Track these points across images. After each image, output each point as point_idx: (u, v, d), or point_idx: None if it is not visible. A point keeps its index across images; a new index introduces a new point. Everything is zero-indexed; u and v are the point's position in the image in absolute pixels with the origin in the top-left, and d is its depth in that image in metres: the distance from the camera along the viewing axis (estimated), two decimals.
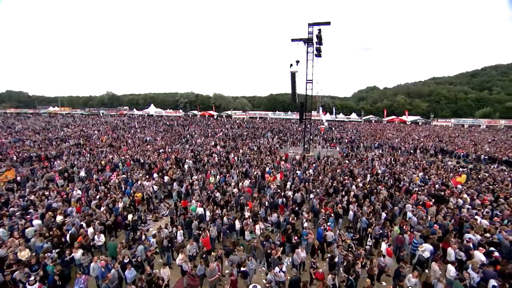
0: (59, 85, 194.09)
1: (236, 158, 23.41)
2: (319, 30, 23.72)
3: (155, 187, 16.39)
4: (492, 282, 7.42)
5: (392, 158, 23.18)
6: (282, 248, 10.06)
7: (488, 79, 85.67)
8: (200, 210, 12.67)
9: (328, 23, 23.44)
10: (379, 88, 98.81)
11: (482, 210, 12.14)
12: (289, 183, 16.48)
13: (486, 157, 24.27)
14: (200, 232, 10.63)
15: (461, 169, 19.80)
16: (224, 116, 64.88)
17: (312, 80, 25.38)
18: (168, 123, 50.74)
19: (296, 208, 13.10)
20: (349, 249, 9.98)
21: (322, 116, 53.81)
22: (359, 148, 30.98)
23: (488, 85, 79.13)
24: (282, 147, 31.83)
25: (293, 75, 24.93)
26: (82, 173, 18.60)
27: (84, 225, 11.01)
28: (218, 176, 18.02)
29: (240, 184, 16.48)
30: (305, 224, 11.27)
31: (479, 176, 17.82)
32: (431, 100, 72.80)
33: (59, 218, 11.47)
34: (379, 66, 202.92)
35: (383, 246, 9.56)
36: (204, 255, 9.34)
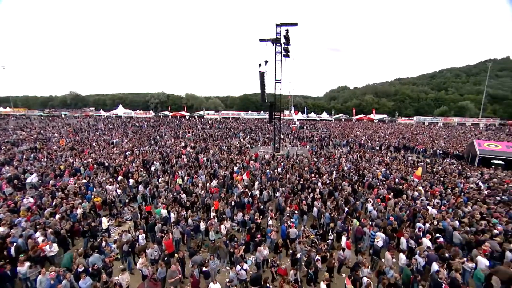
0: (12, 83, 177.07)
1: (205, 159, 23.22)
2: (287, 30, 24.31)
3: (119, 191, 15.74)
4: (434, 265, 8.19)
5: (358, 155, 24.38)
6: (244, 247, 10.20)
7: (445, 80, 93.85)
8: (164, 212, 12.44)
9: (295, 24, 24.07)
10: (350, 88, 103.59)
11: (433, 201, 13.26)
12: (256, 182, 16.70)
13: (440, 152, 26.55)
14: (163, 234, 10.45)
15: (419, 163, 21.41)
16: (196, 117, 64.06)
17: (280, 80, 25.90)
18: (137, 124, 48.85)
19: (262, 206, 13.32)
20: (313, 244, 10.38)
21: (294, 115, 55.17)
22: (328, 146, 32.20)
23: (444, 86, 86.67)
24: (253, 146, 32.08)
25: (261, 75, 25.25)
26: (34, 179, 17.20)
27: (34, 235, 10.25)
28: (185, 178, 17.79)
29: (208, 184, 16.46)
30: (270, 222, 11.52)
31: (433, 170, 19.42)
32: (397, 99, 77.95)
33: (1, 229, 10.53)
34: (349, 67, 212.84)
35: (343, 240, 10.08)
36: (166, 258, 9.18)
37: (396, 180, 16.83)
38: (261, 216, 12.19)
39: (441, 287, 7.26)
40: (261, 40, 25.09)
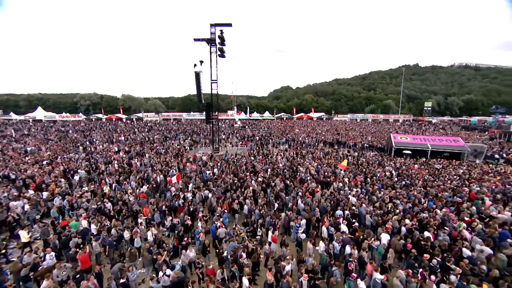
0: None
1: (139, 163, 21.96)
2: (221, 31, 24.51)
3: (27, 207, 13.58)
4: (347, 247, 9.16)
5: (294, 152, 25.88)
6: (173, 252, 9.89)
7: (373, 81, 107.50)
8: (84, 224, 11.45)
9: (229, 25, 24.46)
10: (292, 87, 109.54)
11: (354, 190, 14.86)
12: (191, 185, 16.37)
13: (367, 146, 30.06)
14: (78, 250, 9.41)
15: (348, 156, 23.82)
16: (134, 119, 59.95)
17: (216, 80, 25.97)
18: (62, 129, 43.03)
19: (192, 208, 13.08)
20: (242, 242, 10.57)
21: (236, 115, 55.90)
22: (268, 144, 33.44)
23: (373, 87, 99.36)
24: (193, 148, 31.45)
25: (197, 75, 24.91)
26: None
27: None
28: (114, 185, 16.46)
29: (138, 190, 15.61)
30: (198, 224, 11.38)
31: (358, 162, 21.82)
32: (334, 98, 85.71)
33: None
34: (293, 68, 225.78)
35: (269, 234, 10.51)
36: (78, 276, 8.23)
37: (326, 173, 18.36)
38: (189, 218, 11.92)
39: (351, 266, 8.14)
40: (195, 40, 24.84)
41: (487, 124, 51.75)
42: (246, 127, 50.00)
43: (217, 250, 10.04)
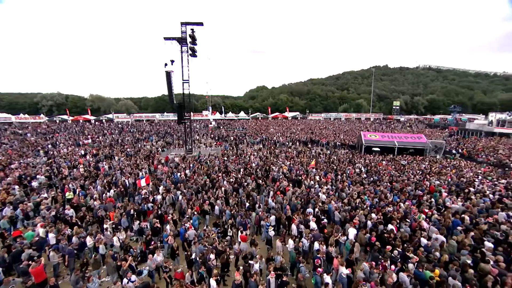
0: None
1: (107, 166, 21.07)
2: (192, 30, 24.15)
3: None
4: (316, 243, 9.45)
5: (268, 151, 26.16)
6: (140, 257, 9.61)
7: (346, 81, 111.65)
8: (41, 232, 10.74)
9: (200, 24, 24.21)
10: (268, 87, 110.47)
11: (324, 187, 15.33)
12: (161, 187, 16.00)
13: (339, 144, 31.15)
14: (31, 262, 8.76)
15: (319, 155, 24.53)
16: (104, 120, 57.20)
17: (188, 80, 25.58)
18: (19, 131, 39.87)
19: (161, 212, 12.78)
20: (212, 243, 10.49)
21: (210, 115, 55.47)
22: (243, 144, 33.51)
23: (346, 86, 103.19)
24: (165, 149, 30.70)
25: (168, 74, 24.35)
26: None
27: None
28: (77, 190, 15.63)
29: (104, 195, 15.06)
30: (167, 227, 11.14)
31: (330, 159, 22.55)
32: (309, 98, 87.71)
33: None
34: (268, 68, 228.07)
35: (239, 234, 10.55)
36: None
37: (298, 172, 18.77)
38: (158, 221, 11.64)
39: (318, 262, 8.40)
40: (165, 39, 24.31)
41: (447, 122, 55.93)
42: (221, 127, 49.77)
43: (186, 253, 9.90)
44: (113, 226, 11.77)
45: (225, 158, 23.35)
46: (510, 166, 21.38)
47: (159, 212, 12.66)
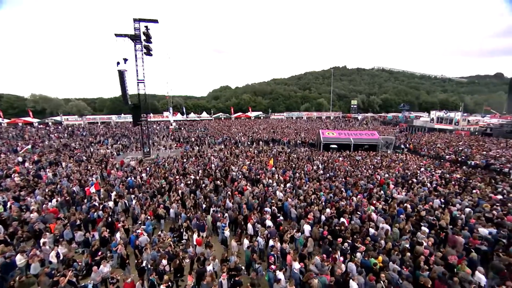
0: None
1: (51, 174, 19.17)
2: (146, 27, 23.07)
3: None
4: (271, 241, 9.60)
5: (228, 152, 26.05)
6: (83, 271, 8.89)
7: (308, 81, 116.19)
8: None
9: (155, 21, 23.22)
10: (231, 87, 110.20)
11: (281, 185, 15.67)
12: (113, 193, 15.03)
13: (300, 142, 32.17)
14: None
15: (279, 154, 25.05)
16: (50, 123, 51.86)
17: (143, 80, 24.35)
18: None
19: (111, 219, 11.98)
20: (166, 248, 10.10)
21: (171, 116, 53.83)
22: (204, 145, 32.96)
23: (308, 86, 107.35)
24: (122, 153, 28.95)
25: (121, 74, 22.88)
26: None
27: None
28: (8, 202, 13.91)
29: (44, 205, 13.61)
30: (117, 235, 10.48)
31: (289, 158, 23.16)
32: (271, 98, 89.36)
33: None
34: (232, 68, 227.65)
35: (194, 237, 10.33)
36: None
37: (257, 171, 18.94)
38: (107, 230, 10.88)
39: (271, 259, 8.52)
40: (116, 35, 22.84)
41: (398, 119, 61.09)
42: (182, 128, 48.40)
43: (137, 261, 9.40)
44: (54, 239, 10.76)
45: (184, 160, 22.74)
46: (446, 158, 24.04)
47: (110, 219, 11.85)
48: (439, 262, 8.49)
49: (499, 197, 14.45)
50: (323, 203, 12.92)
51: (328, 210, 12.07)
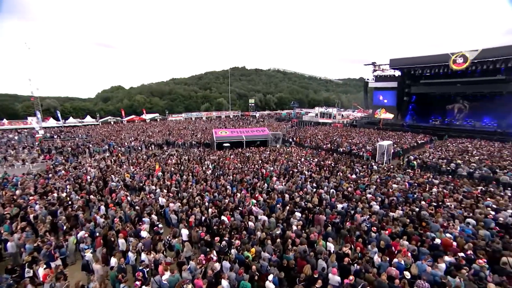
0: None
1: None
2: None
3: None
4: (142, 254, 8.86)
5: (113, 159, 23.27)
6: None
7: (209, 81, 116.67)
8: None
9: None
10: (125, 88, 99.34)
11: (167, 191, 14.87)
12: None
13: (195, 143, 31.79)
14: None
15: (173, 156, 23.95)
16: None
17: None
18: None
19: None
20: None
21: (34, 123, 44.27)
22: (85, 154, 28.46)
23: (209, 86, 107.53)
24: None
25: None
26: None
27: None
28: None
29: None
30: None
31: (181, 160, 22.44)
32: (170, 98, 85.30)
33: None
34: (125, 66, 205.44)
35: (40, 271, 8.48)
36: None
37: (140, 178, 17.48)
38: None
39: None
40: None
41: (291, 116, 68.66)
42: (55, 136, 40.19)
43: None
44: None
45: (50, 176, 18.80)
46: (323, 148, 28.37)
47: None
48: (304, 242, 9.59)
49: (354, 176, 17.87)
50: (206, 204, 12.89)
51: (210, 210, 12.10)
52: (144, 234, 10.39)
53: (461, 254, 8.61)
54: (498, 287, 7.04)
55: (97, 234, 10.44)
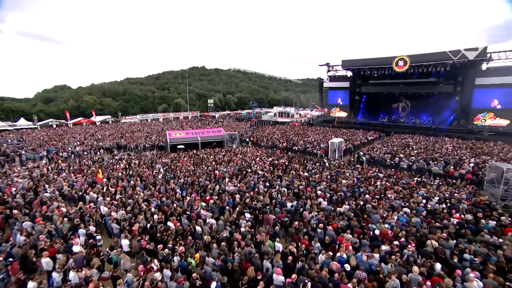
0: None
1: None
2: None
3: None
4: (71, 273, 8.01)
5: (49, 167, 21.04)
6: None
7: (167, 81, 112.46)
8: None
9: None
10: (72, 87, 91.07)
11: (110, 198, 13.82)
12: None
13: (148, 145, 30.26)
14: None
15: (121, 161, 22.45)
16: None
17: None
18: None
19: None
20: None
21: None
22: (14, 162, 25.30)
23: (167, 86, 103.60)
24: None
25: None
26: None
27: None
28: None
29: None
30: None
31: (130, 164, 21.15)
32: (124, 99, 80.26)
33: None
34: (75, 64, 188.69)
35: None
36: None
37: (81, 186, 16.06)
38: None
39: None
40: None
41: (251, 115, 69.05)
42: None
43: None
44: None
45: None
46: (279, 146, 28.86)
47: None
48: (249, 243, 9.49)
49: (306, 174, 18.36)
50: (152, 210, 12.20)
51: (155, 216, 11.47)
52: (76, 249, 9.44)
53: (396, 242, 9.27)
54: (422, 268, 7.75)
55: (12, 257, 9.06)
